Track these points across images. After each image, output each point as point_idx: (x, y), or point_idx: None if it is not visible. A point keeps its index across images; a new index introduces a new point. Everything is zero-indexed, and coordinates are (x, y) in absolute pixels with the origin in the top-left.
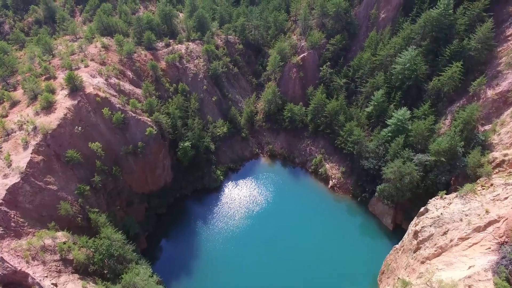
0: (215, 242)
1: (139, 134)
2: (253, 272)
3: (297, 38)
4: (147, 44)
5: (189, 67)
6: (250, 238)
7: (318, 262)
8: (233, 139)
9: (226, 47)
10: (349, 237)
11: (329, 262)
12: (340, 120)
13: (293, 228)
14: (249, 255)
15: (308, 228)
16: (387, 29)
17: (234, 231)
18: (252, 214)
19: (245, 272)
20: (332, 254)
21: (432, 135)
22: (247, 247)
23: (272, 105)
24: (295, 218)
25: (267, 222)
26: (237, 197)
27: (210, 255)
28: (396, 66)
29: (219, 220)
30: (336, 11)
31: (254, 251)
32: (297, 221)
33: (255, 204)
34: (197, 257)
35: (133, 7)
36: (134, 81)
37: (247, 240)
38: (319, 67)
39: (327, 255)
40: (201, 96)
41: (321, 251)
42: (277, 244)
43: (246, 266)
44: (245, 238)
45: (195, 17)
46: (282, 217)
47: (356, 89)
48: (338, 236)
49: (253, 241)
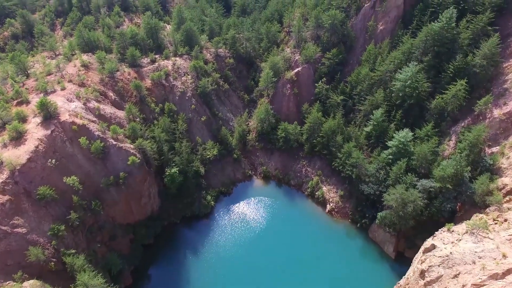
0: (207, 273)
1: (121, 163)
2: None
3: (290, 51)
4: (131, 61)
5: (176, 85)
6: (244, 266)
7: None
8: (224, 160)
9: (215, 62)
10: (348, 266)
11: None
12: (337, 141)
13: (289, 255)
14: (244, 284)
15: (305, 255)
16: (386, 42)
17: (226, 260)
18: (245, 241)
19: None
20: (330, 283)
21: (435, 158)
22: (241, 276)
23: (265, 124)
24: (291, 245)
25: (262, 249)
26: (229, 224)
27: (201, 287)
28: (396, 83)
29: (210, 249)
30: (332, 23)
31: (248, 280)
32: (293, 248)
33: (249, 230)
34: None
35: (117, 20)
36: (117, 102)
37: (241, 269)
38: (314, 82)
39: (325, 285)
40: (189, 116)
41: (319, 279)
42: (272, 272)
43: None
44: (238, 267)
45: (183, 31)
46: (277, 244)
47: (354, 106)
48: (336, 264)
49: (247, 269)
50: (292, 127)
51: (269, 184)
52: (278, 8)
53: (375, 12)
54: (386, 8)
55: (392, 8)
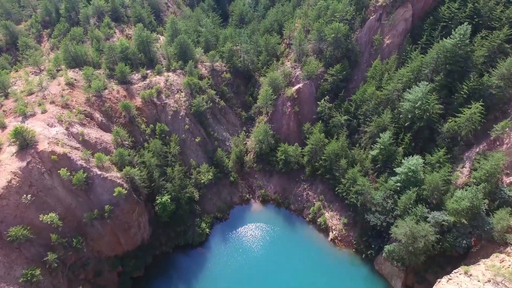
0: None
1: (107, 194)
2: None
3: (291, 66)
4: (120, 78)
5: (169, 103)
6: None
7: None
8: (220, 184)
9: (211, 77)
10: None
11: None
12: (341, 166)
13: (289, 285)
14: None
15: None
16: (393, 57)
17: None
18: (243, 271)
19: None
20: None
21: (448, 187)
22: None
23: (263, 145)
24: (291, 275)
25: (260, 280)
26: (226, 253)
27: None
28: (404, 103)
29: (205, 280)
30: (335, 37)
31: None
32: (293, 278)
33: (246, 259)
34: None
35: (107, 32)
36: (104, 124)
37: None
38: (316, 100)
39: None
40: (183, 136)
41: None
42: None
43: None
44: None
45: (176, 44)
46: (276, 274)
47: (359, 127)
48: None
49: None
50: (293, 149)
51: (268, 208)
52: (277, 18)
53: (381, 25)
54: (393, 21)
55: (399, 21)
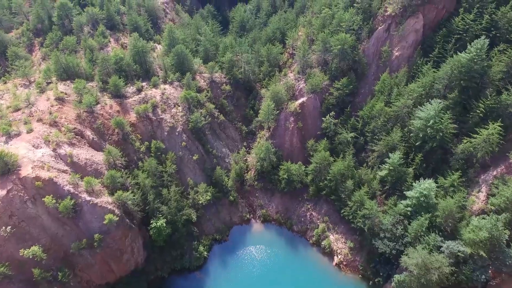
0: None
1: (96, 222)
2: None
3: (294, 77)
4: (114, 91)
5: (165, 119)
6: None
7: None
8: (219, 203)
9: (210, 89)
10: None
11: None
12: (347, 187)
13: None
14: None
15: None
16: (403, 71)
17: None
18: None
19: None
20: None
21: (463, 214)
22: None
23: (265, 163)
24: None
25: None
26: (224, 277)
27: None
28: (415, 122)
29: None
30: (341, 49)
31: None
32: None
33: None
34: None
35: (101, 41)
36: (95, 143)
37: None
38: (321, 115)
39: None
40: (180, 154)
41: None
42: None
43: None
44: None
45: (174, 54)
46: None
47: (366, 145)
48: None
49: None
50: (296, 168)
51: (269, 229)
52: (280, 26)
53: (390, 36)
54: (402, 32)
55: (409, 32)
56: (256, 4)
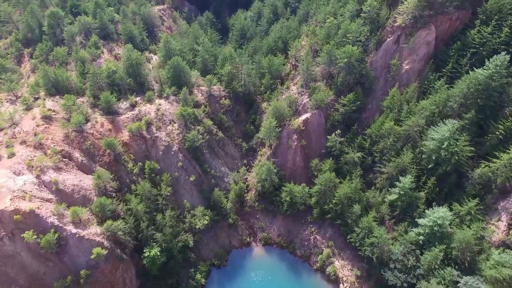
0: None
1: (83, 256)
2: None
3: (297, 91)
4: (105, 107)
5: (160, 137)
6: None
7: None
8: (217, 226)
9: (208, 104)
10: None
11: None
12: (354, 212)
13: None
14: None
15: None
16: (413, 86)
17: None
18: None
19: None
20: None
21: (482, 245)
22: None
23: (266, 184)
24: None
25: None
26: None
27: None
28: (428, 143)
29: None
30: (348, 62)
31: None
32: None
33: None
34: None
35: (93, 52)
36: (84, 165)
37: None
38: (326, 132)
39: None
40: (175, 175)
41: None
42: None
43: None
44: None
45: (169, 67)
46: None
47: (374, 165)
48: None
49: None
50: (299, 189)
51: (270, 253)
52: (282, 35)
53: (400, 48)
54: (413, 44)
55: (421, 45)
56: (257, 11)
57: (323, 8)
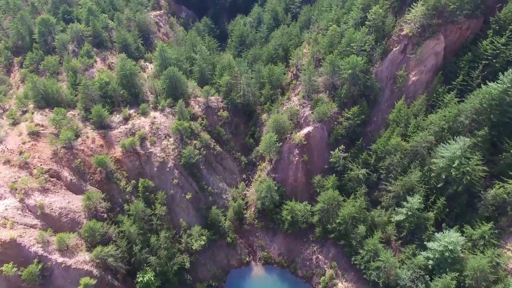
0: None
1: (70, 286)
2: None
3: (299, 102)
4: (97, 121)
5: (155, 153)
6: None
7: None
8: (215, 246)
9: (205, 116)
10: None
11: None
12: (359, 233)
13: None
14: None
15: None
16: (421, 98)
17: None
18: None
19: None
20: None
21: (498, 274)
22: None
23: (266, 202)
24: None
25: None
26: None
27: None
28: (437, 161)
29: None
30: (352, 73)
31: None
32: None
33: None
34: None
35: (85, 62)
36: (73, 185)
37: None
38: (328, 146)
39: None
40: (171, 192)
41: None
42: None
43: None
44: None
45: (165, 77)
46: None
47: (380, 182)
48: None
49: None
50: (301, 207)
51: (271, 273)
52: (282, 42)
53: (406, 59)
54: (421, 55)
55: (429, 56)
56: (257, 16)
57: (326, 14)
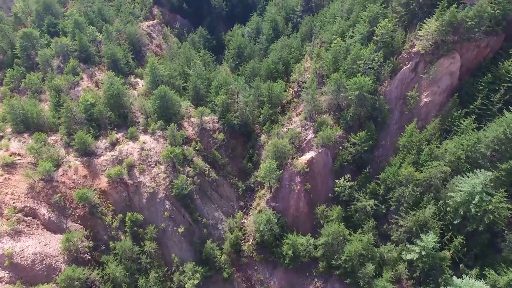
0: None
1: None
2: None
3: (300, 124)
4: (81, 149)
5: (144, 182)
6: None
7: None
8: (210, 282)
9: (200, 139)
10: None
11: None
12: (366, 273)
13: None
14: None
15: None
16: (435, 123)
17: None
18: None
19: None
20: None
21: None
22: None
23: (266, 235)
24: None
25: None
26: None
27: None
28: (455, 194)
29: None
30: (359, 95)
31: None
32: None
33: None
34: None
35: (71, 80)
36: (52, 223)
37: None
38: (333, 173)
39: None
40: (162, 226)
41: None
42: None
43: None
44: None
45: (156, 97)
46: None
47: (389, 213)
48: None
49: None
50: (303, 241)
51: None
52: (282, 56)
53: (418, 78)
54: (434, 75)
55: (443, 75)
56: (255, 26)
57: (329, 26)
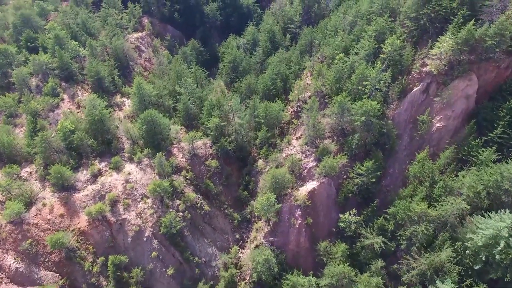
0: None
1: None
2: None
3: (301, 149)
4: (57, 183)
5: (129, 219)
6: None
7: None
8: None
9: (191, 168)
10: None
11: None
12: None
13: None
14: None
15: None
16: (449, 151)
17: None
18: None
19: None
20: None
21: None
22: None
23: (264, 275)
24: None
25: None
26: None
27: None
28: (475, 237)
29: None
30: (366, 121)
31: None
32: None
33: None
34: None
35: (49, 102)
36: (20, 274)
37: None
38: (337, 205)
39: None
40: (149, 267)
41: None
42: None
43: None
44: None
45: (142, 121)
46: None
47: (398, 250)
48: None
49: None
50: (304, 282)
51: None
52: (280, 71)
53: (429, 100)
54: (448, 98)
55: (458, 99)
56: (251, 37)
57: (331, 40)
